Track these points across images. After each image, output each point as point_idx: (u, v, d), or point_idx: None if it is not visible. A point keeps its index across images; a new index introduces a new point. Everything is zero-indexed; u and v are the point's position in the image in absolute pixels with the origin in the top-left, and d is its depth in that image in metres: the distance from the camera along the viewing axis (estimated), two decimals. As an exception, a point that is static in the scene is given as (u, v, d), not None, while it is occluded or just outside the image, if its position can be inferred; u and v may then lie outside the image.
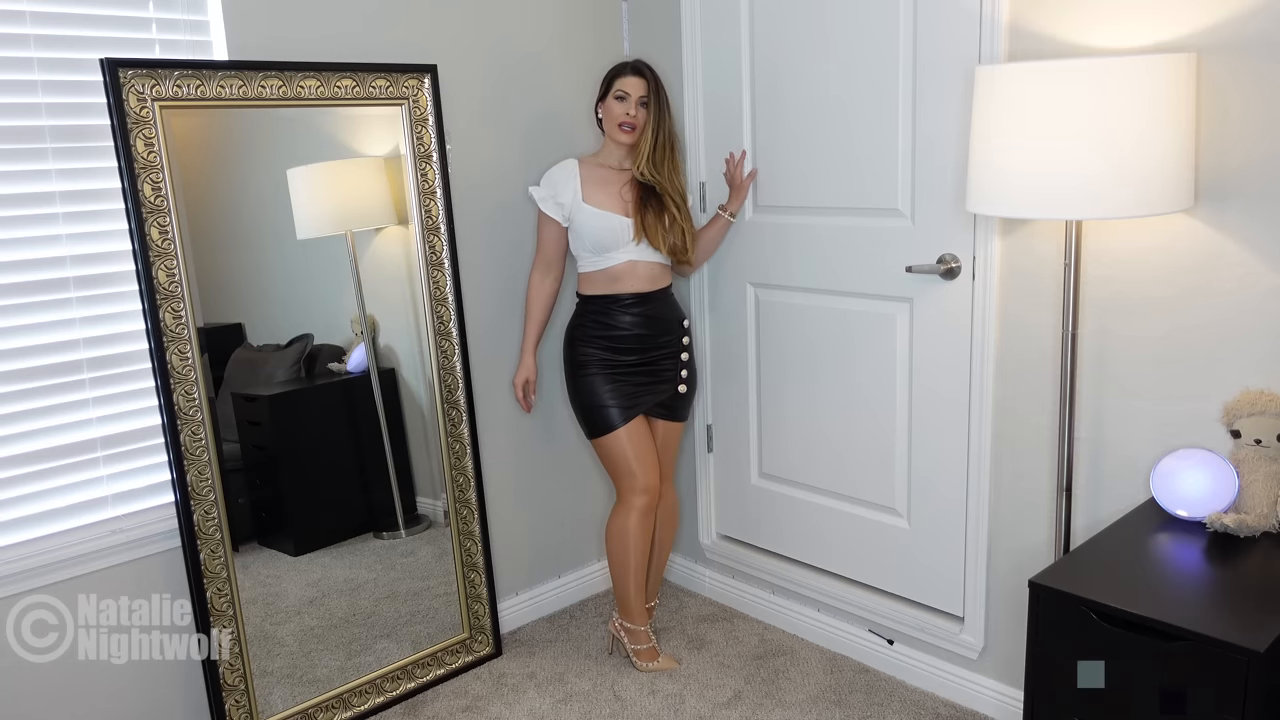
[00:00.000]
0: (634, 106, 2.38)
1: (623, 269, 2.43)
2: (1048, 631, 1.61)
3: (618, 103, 2.39)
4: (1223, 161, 1.78)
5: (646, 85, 2.40)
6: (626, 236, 2.40)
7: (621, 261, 2.43)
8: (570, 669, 2.63)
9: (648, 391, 2.49)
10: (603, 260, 2.43)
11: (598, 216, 2.40)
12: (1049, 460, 2.12)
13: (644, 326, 2.46)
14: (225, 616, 2.17)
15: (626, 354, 2.46)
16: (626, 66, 2.42)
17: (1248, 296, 1.80)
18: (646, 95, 2.40)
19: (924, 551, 2.40)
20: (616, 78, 2.41)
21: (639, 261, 2.43)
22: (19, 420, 2.01)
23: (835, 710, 2.39)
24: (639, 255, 2.43)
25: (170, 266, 2.02)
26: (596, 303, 2.47)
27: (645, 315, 2.46)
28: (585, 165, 2.46)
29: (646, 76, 2.40)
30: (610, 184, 2.43)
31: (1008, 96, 1.72)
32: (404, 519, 2.57)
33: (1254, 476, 1.75)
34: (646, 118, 2.41)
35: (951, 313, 2.24)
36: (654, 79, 2.41)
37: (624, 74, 2.40)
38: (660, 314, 2.48)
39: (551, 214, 2.45)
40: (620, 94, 2.39)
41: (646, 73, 2.41)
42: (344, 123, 2.33)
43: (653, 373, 2.49)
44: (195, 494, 2.10)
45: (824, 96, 2.40)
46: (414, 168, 2.40)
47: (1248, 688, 1.39)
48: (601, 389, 2.46)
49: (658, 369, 2.50)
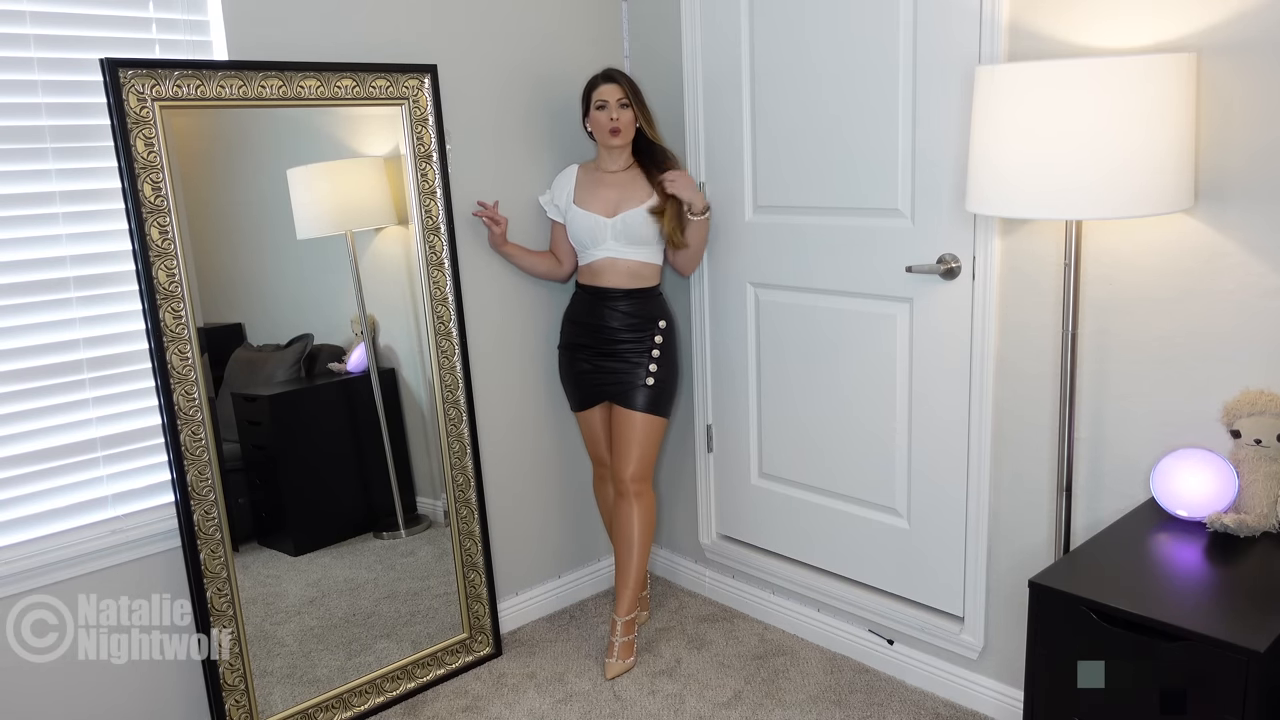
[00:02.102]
0: (615, 110, 2.51)
1: (603, 264, 2.59)
2: (1048, 631, 1.61)
3: (600, 112, 2.52)
4: (1223, 161, 1.78)
5: (621, 89, 2.52)
6: (604, 235, 2.55)
7: (601, 257, 2.58)
8: (570, 669, 2.63)
9: (611, 383, 2.62)
10: (586, 255, 2.62)
11: (581, 216, 2.57)
12: (1049, 460, 2.12)
13: (616, 320, 2.60)
14: (225, 616, 2.17)
15: (595, 342, 2.62)
16: (598, 78, 2.55)
17: (1248, 296, 1.80)
18: (624, 97, 2.52)
19: (924, 551, 2.40)
20: (592, 90, 2.54)
21: (619, 259, 2.57)
22: (19, 420, 2.01)
23: (835, 710, 2.39)
24: (618, 253, 2.57)
25: (170, 266, 2.02)
26: (583, 291, 2.66)
27: (620, 310, 2.59)
28: (584, 170, 2.64)
29: (619, 80, 2.53)
30: (600, 186, 2.59)
31: (1008, 96, 1.72)
32: (404, 519, 2.57)
33: (1254, 476, 1.75)
34: (632, 117, 2.54)
35: (951, 313, 2.24)
36: (626, 81, 2.54)
37: (598, 84, 2.54)
38: (636, 310, 2.60)
39: (551, 215, 2.68)
40: (600, 103, 2.51)
41: (618, 77, 2.54)
42: (344, 123, 2.33)
43: (620, 363, 2.61)
44: (195, 494, 2.10)
45: (824, 96, 2.40)
46: (414, 168, 2.40)
47: (1248, 688, 1.39)
48: (567, 370, 2.70)
49: (625, 361, 2.61)
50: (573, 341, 2.68)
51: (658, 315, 2.63)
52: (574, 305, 2.69)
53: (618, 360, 2.61)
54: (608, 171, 2.60)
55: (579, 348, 2.66)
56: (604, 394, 2.64)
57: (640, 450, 2.62)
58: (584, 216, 2.57)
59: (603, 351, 2.62)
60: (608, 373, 2.62)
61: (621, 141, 2.53)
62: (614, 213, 2.55)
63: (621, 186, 2.58)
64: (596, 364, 2.63)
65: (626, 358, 2.60)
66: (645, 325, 2.61)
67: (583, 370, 2.65)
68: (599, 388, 2.64)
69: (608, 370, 2.61)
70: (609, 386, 2.63)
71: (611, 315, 2.60)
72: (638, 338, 2.60)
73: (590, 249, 2.59)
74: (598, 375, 2.63)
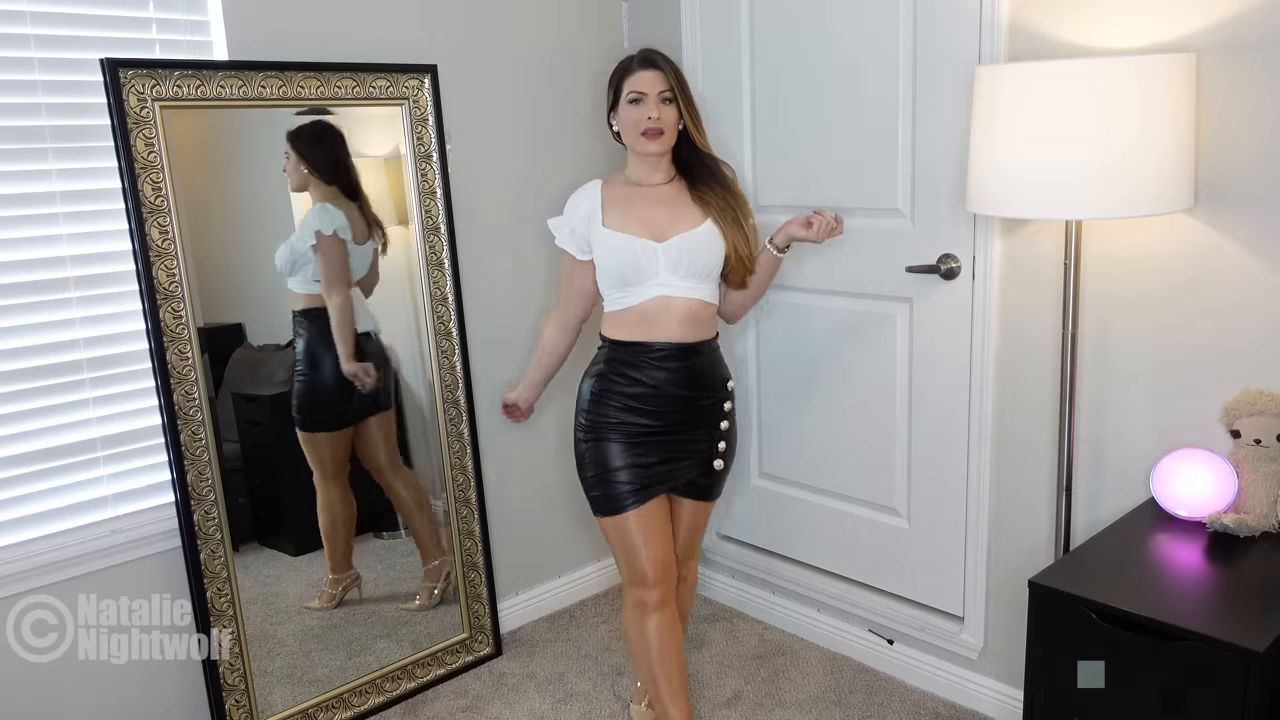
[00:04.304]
0: (654, 105, 1.93)
1: (654, 307, 1.95)
2: (1048, 631, 1.61)
3: (634, 107, 1.94)
4: (1223, 162, 1.78)
5: (665, 78, 1.95)
6: (656, 265, 1.93)
7: (651, 297, 1.94)
8: (570, 669, 2.63)
9: (674, 467, 2.01)
10: (628, 296, 1.96)
11: (620, 242, 1.94)
12: (1049, 460, 2.12)
13: (681, 385, 1.97)
14: (225, 616, 2.17)
15: (654, 418, 1.97)
16: (634, 61, 1.97)
17: (1248, 296, 1.80)
18: (668, 89, 1.95)
19: (924, 551, 2.40)
20: (625, 76, 1.97)
21: (674, 298, 1.94)
22: (19, 420, 2.01)
23: (835, 710, 2.40)
24: (674, 289, 1.94)
25: (170, 266, 2.02)
26: (624, 350, 1.98)
27: (684, 372, 1.97)
28: (610, 186, 2.03)
29: (662, 67, 1.95)
30: (638, 204, 1.98)
31: (1008, 96, 1.72)
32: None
33: (1254, 476, 1.75)
34: (676, 116, 1.97)
35: (951, 313, 2.24)
36: (671, 68, 1.97)
37: (633, 70, 1.96)
38: (702, 371, 1.99)
39: (569, 249, 2.03)
40: (635, 95, 1.94)
41: (661, 62, 1.96)
42: (344, 123, 2.33)
43: (682, 444, 2.01)
44: (195, 494, 2.10)
45: (824, 96, 2.40)
46: (414, 168, 2.40)
47: (1248, 688, 1.39)
48: (616, 459, 1.97)
49: (690, 440, 2.02)
50: (611, 422, 1.99)
51: (724, 374, 2.06)
52: (612, 374, 1.99)
53: (681, 442, 2.00)
54: (647, 185, 2.01)
55: (630, 431, 1.98)
56: (660, 488, 2.01)
57: (696, 536, 2.18)
58: (625, 242, 1.93)
59: (659, 431, 1.98)
60: (668, 461, 2.00)
61: (660, 148, 1.96)
62: (665, 235, 1.94)
63: (670, 204, 1.99)
64: (653, 449, 1.99)
65: (692, 434, 2.00)
66: (713, 388, 2.02)
67: (634, 461, 1.97)
68: (654, 484, 2.00)
69: (668, 458, 2.00)
70: (671, 474, 2.01)
71: (671, 381, 1.96)
72: (707, 406, 2.01)
73: (633, 286, 1.95)
74: (656, 466, 1.99)
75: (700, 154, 2.02)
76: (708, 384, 2.01)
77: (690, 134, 1.99)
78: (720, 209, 1.98)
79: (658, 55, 1.98)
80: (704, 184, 2.00)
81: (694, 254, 1.94)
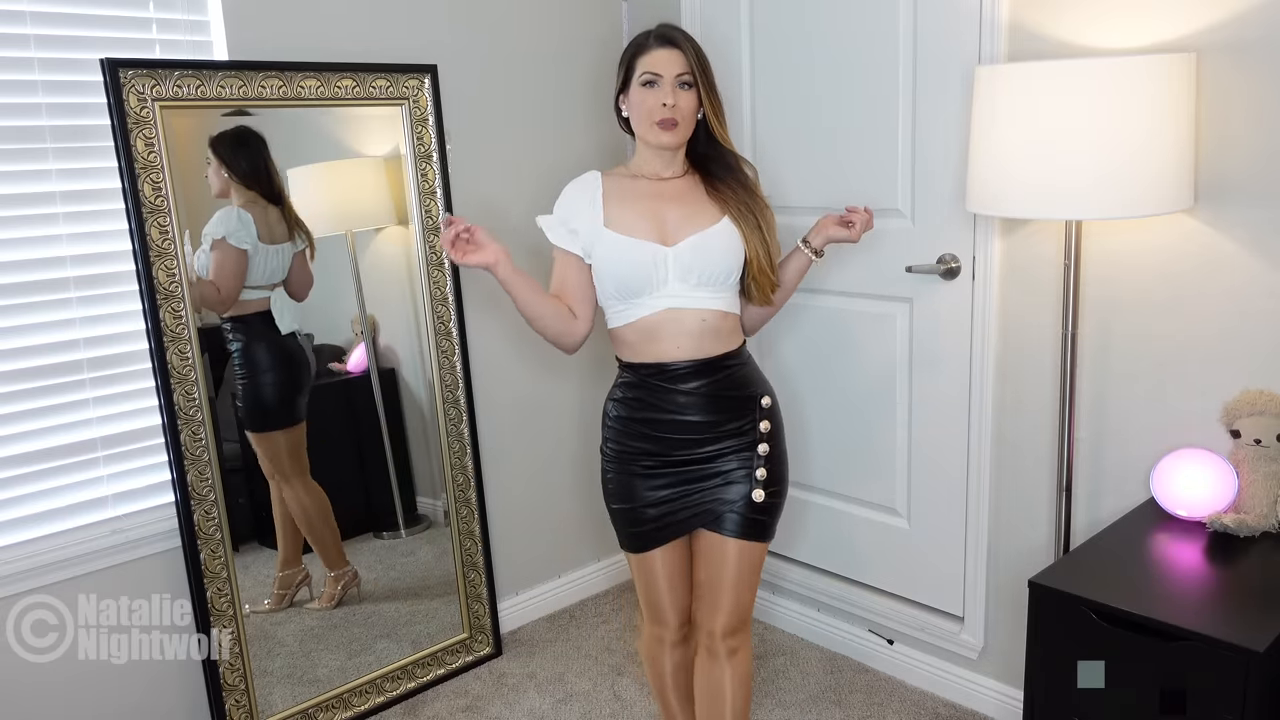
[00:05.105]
0: (670, 90, 1.69)
1: (661, 320, 1.72)
2: (1048, 631, 1.61)
3: (648, 91, 1.70)
4: (1223, 162, 1.78)
5: (684, 58, 1.70)
6: (664, 272, 1.70)
7: (658, 310, 1.72)
8: (570, 669, 2.63)
9: (703, 501, 1.79)
10: (630, 309, 1.73)
11: (618, 244, 1.71)
12: (1049, 460, 2.12)
13: (704, 409, 1.75)
14: (225, 616, 2.17)
15: (679, 447, 1.77)
16: (650, 37, 1.72)
17: (1248, 296, 1.80)
18: (687, 72, 1.70)
19: (924, 551, 2.40)
20: (639, 54, 1.72)
21: (685, 309, 1.71)
22: (19, 420, 2.01)
23: (835, 710, 2.40)
24: (685, 299, 1.71)
25: (170, 266, 2.02)
26: (639, 374, 1.77)
27: (707, 392, 1.75)
28: (612, 179, 1.78)
29: (681, 46, 1.71)
30: (645, 200, 1.75)
31: (1008, 96, 1.72)
32: (404, 519, 2.57)
33: (1254, 476, 1.75)
34: (694, 103, 1.73)
35: (951, 313, 2.24)
36: (692, 48, 1.72)
37: (648, 47, 1.71)
38: (729, 389, 1.77)
39: (564, 245, 1.77)
40: (649, 77, 1.69)
41: (680, 41, 1.71)
42: (344, 123, 2.33)
43: (713, 475, 1.78)
44: (195, 494, 2.10)
45: (824, 96, 2.40)
46: (414, 168, 2.40)
47: (1248, 688, 1.39)
48: (640, 494, 1.79)
49: (722, 470, 1.78)
50: (632, 452, 1.79)
51: (759, 390, 1.81)
52: (630, 401, 1.79)
53: (710, 473, 1.77)
54: (657, 178, 1.78)
55: (652, 463, 1.77)
56: (689, 524, 1.80)
57: (739, 592, 1.81)
58: (630, 246, 1.70)
59: (685, 462, 1.77)
60: (694, 492, 1.78)
61: (675, 140, 1.73)
62: (676, 238, 1.72)
63: (682, 200, 1.76)
64: (679, 480, 1.78)
65: (725, 464, 1.77)
66: (742, 408, 1.78)
67: (660, 497, 1.78)
68: (681, 520, 1.79)
69: (695, 490, 1.78)
70: (697, 511, 1.79)
71: (693, 404, 1.74)
72: (737, 429, 1.77)
73: (639, 297, 1.72)
74: (680, 499, 1.78)
75: (720, 148, 1.78)
76: (736, 404, 1.77)
77: (710, 125, 1.75)
78: (740, 210, 1.75)
79: (677, 32, 1.72)
80: (722, 180, 1.78)
81: (707, 258, 1.71)
